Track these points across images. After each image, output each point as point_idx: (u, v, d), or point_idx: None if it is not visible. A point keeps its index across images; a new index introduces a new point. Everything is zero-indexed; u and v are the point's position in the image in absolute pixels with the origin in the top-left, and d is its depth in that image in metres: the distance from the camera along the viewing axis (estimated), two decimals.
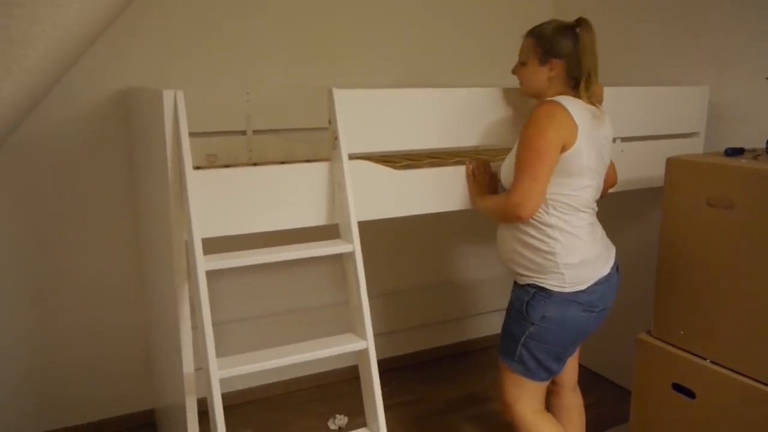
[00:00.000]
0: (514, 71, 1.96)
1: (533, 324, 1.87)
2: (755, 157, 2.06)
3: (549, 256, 1.83)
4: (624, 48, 2.84)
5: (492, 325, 3.49)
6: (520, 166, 1.80)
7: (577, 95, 1.86)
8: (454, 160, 2.28)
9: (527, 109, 2.14)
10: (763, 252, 1.86)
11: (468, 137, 2.08)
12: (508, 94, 2.11)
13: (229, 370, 1.66)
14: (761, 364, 1.90)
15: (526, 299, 1.88)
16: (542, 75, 1.87)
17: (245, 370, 1.68)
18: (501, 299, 3.39)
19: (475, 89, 2.07)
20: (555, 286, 1.84)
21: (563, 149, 1.77)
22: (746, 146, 2.20)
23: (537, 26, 1.90)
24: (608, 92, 2.05)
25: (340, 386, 2.99)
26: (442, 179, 2.07)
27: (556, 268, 1.83)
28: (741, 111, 2.43)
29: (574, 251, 1.83)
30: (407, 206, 2.02)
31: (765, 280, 1.86)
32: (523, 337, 1.89)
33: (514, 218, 1.84)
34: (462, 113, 2.05)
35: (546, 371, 1.93)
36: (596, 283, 1.87)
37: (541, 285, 1.85)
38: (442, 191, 2.06)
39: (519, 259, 1.90)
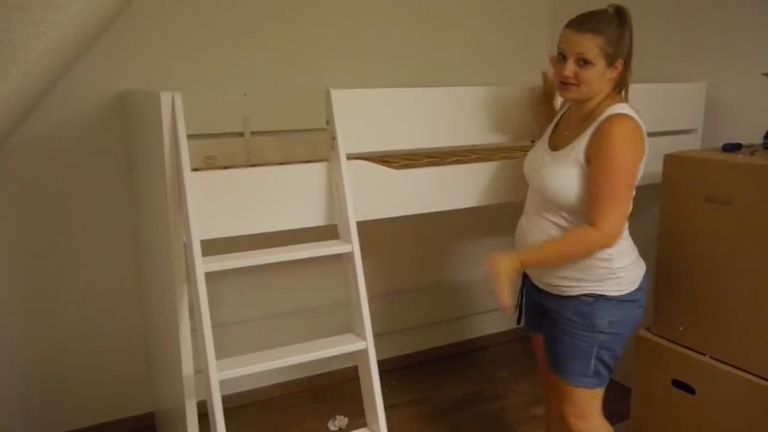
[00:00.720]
0: (568, 74, 1.68)
1: (602, 332, 1.77)
2: (752, 153, 2.07)
3: (604, 263, 1.75)
4: None
5: (490, 324, 3.49)
6: (608, 191, 1.65)
7: (623, 97, 1.77)
8: (453, 159, 2.29)
9: (523, 107, 2.16)
10: (761, 247, 1.86)
11: (465, 136, 2.09)
12: (504, 92, 2.11)
13: (228, 372, 1.66)
14: (760, 359, 1.90)
15: (588, 310, 1.77)
16: (607, 77, 1.69)
17: (245, 372, 1.68)
18: (497, 299, 3.42)
19: (471, 88, 2.08)
20: (613, 290, 1.76)
21: None
22: (743, 142, 2.20)
23: (594, 19, 1.67)
24: None
25: (340, 387, 2.98)
26: (440, 178, 2.08)
27: (612, 274, 1.76)
28: (738, 107, 2.44)
29: (626, 254, 1.78)
30: (406, 206, 2.02)
31: (763, 275, 1.86)
32: (595, 349, 1.78)
33: (600, 249, 1.71)
34: (459, 112, 2.05)
35: (611, 372, 1.87)
36: (644, 277, 1.84)
37: (598, 293, 1.76)
38: (441, 190, 2.07)
39: (570, 273, 1.78)
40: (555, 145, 1.81)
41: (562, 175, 1.72)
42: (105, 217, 2.50)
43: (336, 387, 3.00)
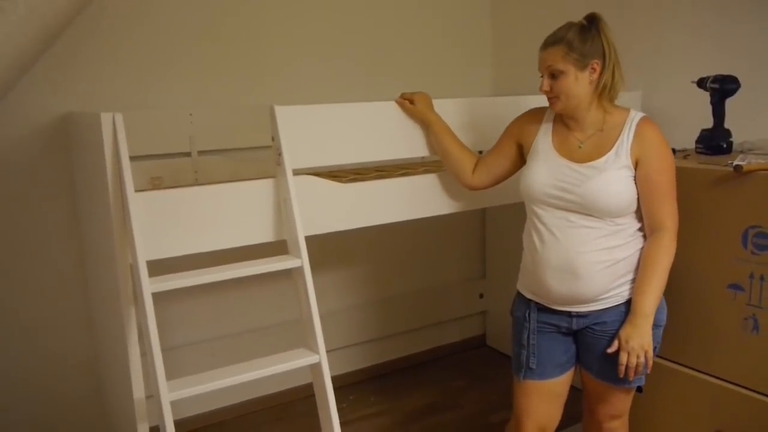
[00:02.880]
0: (545, 88, 1.76)
1: (660, 327, 1.80)
2: (685, 157, 2.16)
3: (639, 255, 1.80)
4: None
5: (445, 334, 3.52)
6: (666, 189, 1.73)
7: (613, 102, 1.80)
8: (401, 172, 2.32)
9: (472, 120, 2.21)
10: (695, 242, 1.94)
11: (413, 149, 2.12)
12: (448, 105, 2.15)
13: (180, 392, 1.65)
14: (700, 355, 1.98)
15: None
16: (585, 81, 1.73)
17: (196, 391, 1.67)
18: (453, 308, 3.49)
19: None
20: None
21: None
22: (677, 147, 2.29)
23: (554, 34, 1.75)
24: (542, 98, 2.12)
25: (297, 405, 2.96)
26: (387, 191, 2.11)
27: None
28: (672, 114, 2.53)
29: None
30: (354, 219, 2.04)
31: (699, 272, 1.94)
32: (657, 346, 1.81)
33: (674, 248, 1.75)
34: (405, 125, 2.08)
35: None
36: None
37: None
38: (389, 203, 2.10)
39: (625, 276, 1.78)
40: (578, 158, 1.78)
41: (617, 180, 1.73)
42: (50, 240, 2.44)
43: (293, 404, 2.97)
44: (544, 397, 1.90)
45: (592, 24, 1.74)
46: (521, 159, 1.96)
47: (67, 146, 2.41)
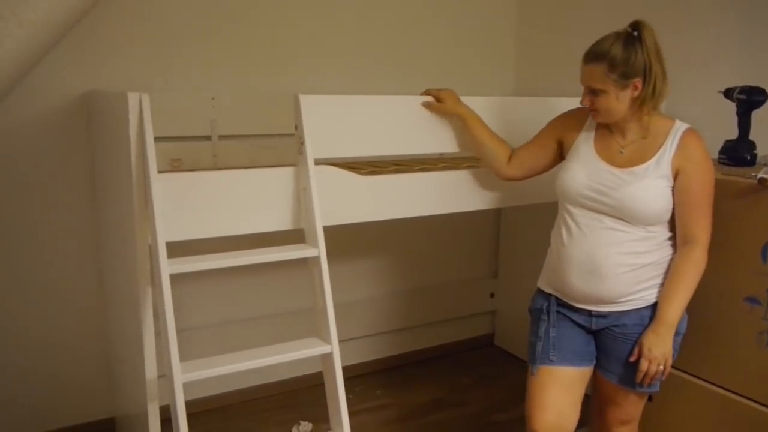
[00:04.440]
0: (585, 103, 1.78)
1: (680, 335, 1.79)
2: None
3: (669, 260, 1.80)
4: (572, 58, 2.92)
5: (454, 331, 3.52)
6: (703, 203, 1.73)
7: (658, 109, 1.80)
8: (419, 167, 2.32)
9: (491, 116, 2.20)
10: (714, 253, 1.92)
11: (433, 144, 2.11)
12: (472, 102, 2.14)
13: (192, 374, 1.66)
14: (712, 366, 1.97)
15: None
16: (626, 99, 1.72)
17: (209, 374, 1.68)
18: (462, 306, 3.49)
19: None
20: None
21: None
22: None
23: (598, 47, 1.73)
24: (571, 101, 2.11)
25: (303, 393, 2.98)
26: (406, 186, 2.11)
27: None
28: (694, 123, 2.46)
29: None
30: (372, 212, 2.04)
31: (728, 285, 1.93)
32: (675, 354, 1.79)
33: (706, 262, 1.75)
34: (428, 120, 2.08)
35: None
36: None
37: None
38: (407, 197, 2.09)
39: (653, 280, 1.78)
40: (619, 163, 1.78)
41: (655, 189, 1.73)
42: (67, 218, 2.46)
43: (300, 393, 2.99)
44: (559, 386, 1.83)
45: (635, 33, 1.71)
46: (559, 156, 1.96)
47: (88, 124, 2.42)
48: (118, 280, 2.17)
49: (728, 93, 2.21)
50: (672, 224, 1.77)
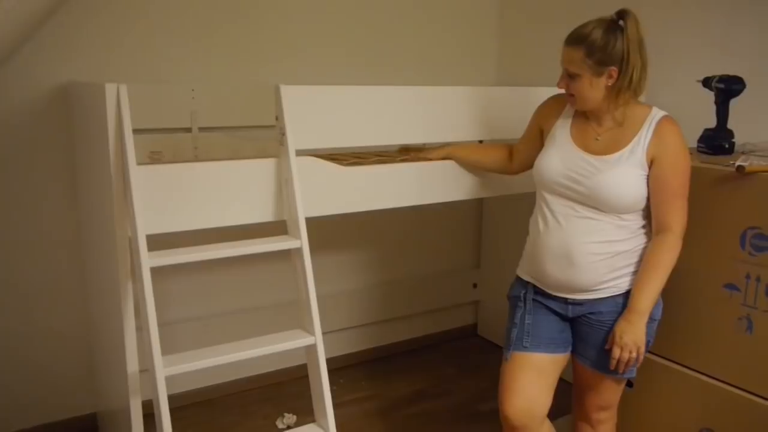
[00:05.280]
0: (561, 85, 1.79)
1: (655, 321, 1.80)
2: None
3: (642, 248, 1.80)
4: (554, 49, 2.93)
5: (437, 322, 3.53)
6: (677, 191, 1.72)
7: (636, 99, 1.79)
8: (401, 158, 2.32)
9: (472, 107, 2.21)
10: (693, 240, 1.95)
11: (417, 134, 2.11)
12: (454, 92, 2.15)
13: (175, 368, 1.64)
14: (692, 353, 1.99)
15: None
16: (600, 86, 1.72)
17: (192, 367, 1.66)
18: (446, 296, 3.49)
19: (421, 87, 2.11)
20: None
21: None
22: None
23: (579, 30, 1.73)
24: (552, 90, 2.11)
25: (287, 386, 2.97)
26: (388, 176, 2.10)
27: None
28: (673, 112, 2.50)
29: None
30: (354, 203, 2.04)
31: (707, 272, 1.95)
32: (651, 340, 1.81)
33: (679, 250, 1.74)
34: (409, 110, 2.08)
35: None
36: None
37: None
38: (389, 188, 2.09)
39: (626, 269, 1.79)
40: (594, 150, 1.78)
41: (628, 177, 1.73)
42: (47, 212, 2.43)
43: (284, 385, 2.98)
44: (531, 372, 1.84)
45: (620, 21, 1.71)
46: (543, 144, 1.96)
47: (67, 116, 2.38)
48: (100, 273, 2.14)
49: (706, 82, 2.23)
50: (647, 212, 1.78)
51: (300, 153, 1.91)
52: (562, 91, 1.83)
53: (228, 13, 2.65)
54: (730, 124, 2.20)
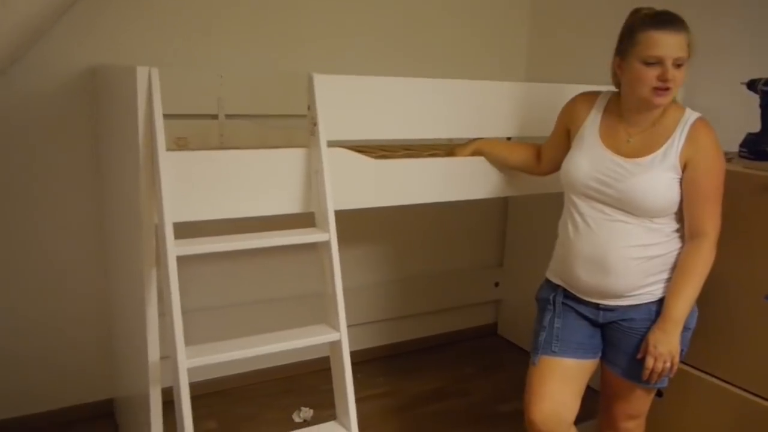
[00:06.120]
0: (668, 76, 1.61)
1: (689, 330, 1.75)
2: (728, 160, 2.08)
3: (677, 254, 1.75)
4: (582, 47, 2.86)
5: (457, 320, 3.49)
6: (712, 196, 1.67)
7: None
8: (429, 153, 2.27)
9: (502, 102, 2.16)
10: (734, 248, 1.88)
11: (450, 129, 2.07)
12: (490, 87, 2.10)
13: (197, 359, 1.61)
14: (725, 363, 1.93)
15: None
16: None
17: (214, 360, 1.63)
18: (466, 294, 3.44)
19: (457, 81, 2.06)
20: None
21: None
22: None
23: (672, 14, 1.64)
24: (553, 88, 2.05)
25: (305, 378, 2.94)
26: (423, 171, 2.06)
27: None
28: (716, 116, 2.44)
29: None
30: (384, 197, 1.99)
31: (748, 282, 1.88)
32: (685, 350, 1.74)
33: (714, 256, 1.69)
34: (443, 105, 2.03)
35: None
36: None
37: None
38: (420, 183, 2.04)
39: (661, 275, 1.74)
40: (624, 153, 1.72)
41: (661, 181, 1.67)
42: (69, 197, 2.41)
43: (302, 378, 2.95)
44: (559, 377, 1.79)
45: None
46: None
47: (93, 100, 2.36)
48: (123, 260, 2.11)
49: (752, 84, 2.15)
50: (679, 216, 1.72)
51: (329, 144, 1.86)
52: (595, 88, 1.78)
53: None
54: None
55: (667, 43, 1.60)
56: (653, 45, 1.61)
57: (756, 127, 2.15)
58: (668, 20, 1.63)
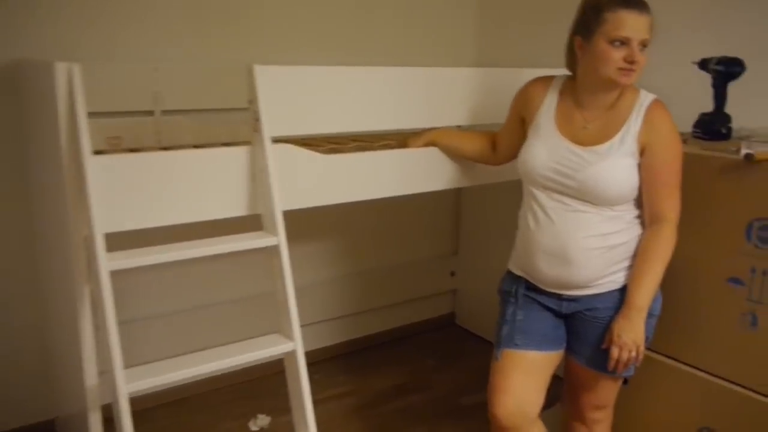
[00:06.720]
0: (635, 57, 1.57)
1: (654, 316, 1.71)
2: (683, 142, 2.05)
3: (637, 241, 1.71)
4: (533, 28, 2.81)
5: (415, 312, 3.41)
6: (671, 180, 1.64)
7: None
8: (381, 143, 2.17)
9: (455, 89, 2.07)
10: (695, 232, 1.85)
11: (402, 119, 1.98)
12: (438, 73, 2.01)
13: (137, 384, 1.48)
14: (685, 347, 1.90)
15: None
16: None
17: (157, 382, 1.51)
18: (423, 285, 3.37)
19: (408, 68, 1.98)
20: None
21: None
22: None
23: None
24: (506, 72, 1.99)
25: (263, 382, 2.82)
26: (371, 165, 1.95)
27: None
28: (668, 96, 2.42)
29: None
30: (336, 194, 1.89)
31: (710, 266, 1.86)
32: (650, 337, 1.72)
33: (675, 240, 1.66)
34: (396, 94, 1.94)
35: None
36: None
37: None
38: (372, 178, 1.95)
39: (624, 262, 1.70)
40: (582, 140, 1.67)
41: (620, 169, 1.63)
42: None
43: (259, 382, 2.83)
44: (522, 371, 1.74)
45: None
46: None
47: (17, 99, 2.16)
48: (54, 275, 1.95)
49: (704, 64, 2.12)
50: (639, 202, 1.70)
51: (274, 140, 1.74)
52: (548, 72, 1.74)
53: None
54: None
55: (635, 24, 1.56)
56: (621, 25, 1.56)
57: (708, 106, 2.12)
58: (636, 1, 1.58)
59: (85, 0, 2.24)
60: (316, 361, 3.01)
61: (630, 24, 1.56)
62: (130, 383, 1.46)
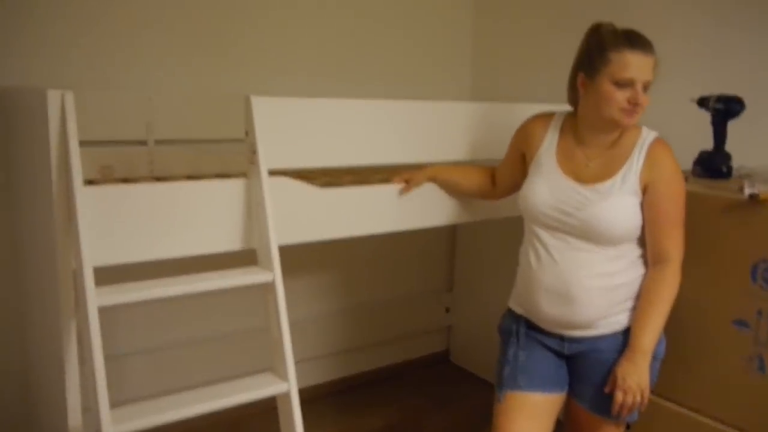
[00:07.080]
0: (639, 99, 1.56)
1: (658, 359, 1.67)
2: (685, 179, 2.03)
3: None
4: (529, 63, 2.81)
5: (408, 349, 3.34)
6: (674, 219, 1.61)
7: None
8: (379, 177, 2.13)
9: (454, 124, 2.05)
10: (700, 273, 1.82)
11: (401, 153, 1.95)
12: (438, 108, 2.00)
13: (124, 425, 1.40)
14: (691, 392, 1.85)
15: None
16: None
17: (144, 425, 1.43)
18: (417, 321, 3.30)
19: (409, 102, 1.95)
20: None
21: None
22: None
23: (642, 36, 1.60)
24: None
25: (254, 421, 2.72)
26: (368, 199, 1.91)
27: None
28: (668, 133, 2.42)
29: None
30: (334, 229, 1.84)
31: (715, 308, 1.82)
32: (654, 379, 1.67)
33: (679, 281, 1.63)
34: (394, 127, 1.91)
35: None
36: None
37: None
38: (371, 212, 1.90)
39: (628, 303, 1.67)
40: (584, 178, 1.65)
41: (622, 207, 1.61)
42: None
43: (250, 420, 2.73)
44: (527, 415, 1.70)
45: None
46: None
47: (3, 126, 2.12)
48: (39, 310, 1.88)
49: (703, 102, 2.12)
50: (642, 241, 1.67)
51: (270, 172, 1.70)
52: (549, 108, 1.73)
53: (192, 11, 2.43)
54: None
55: (640, 66, 1.56)
56: (626, 66, 1.55)
57: (701, 143, 2.11)
58: (642, 42, 1.59)
59: (79, 28, 2.23)
60: (306, 399, 2.92)
61: (635, 65, 1.55)
62: (116, 425, 1.39)
